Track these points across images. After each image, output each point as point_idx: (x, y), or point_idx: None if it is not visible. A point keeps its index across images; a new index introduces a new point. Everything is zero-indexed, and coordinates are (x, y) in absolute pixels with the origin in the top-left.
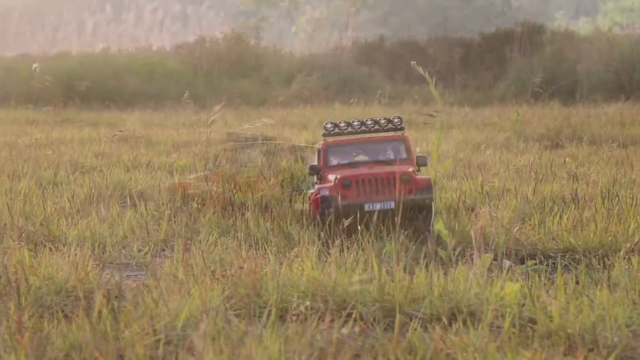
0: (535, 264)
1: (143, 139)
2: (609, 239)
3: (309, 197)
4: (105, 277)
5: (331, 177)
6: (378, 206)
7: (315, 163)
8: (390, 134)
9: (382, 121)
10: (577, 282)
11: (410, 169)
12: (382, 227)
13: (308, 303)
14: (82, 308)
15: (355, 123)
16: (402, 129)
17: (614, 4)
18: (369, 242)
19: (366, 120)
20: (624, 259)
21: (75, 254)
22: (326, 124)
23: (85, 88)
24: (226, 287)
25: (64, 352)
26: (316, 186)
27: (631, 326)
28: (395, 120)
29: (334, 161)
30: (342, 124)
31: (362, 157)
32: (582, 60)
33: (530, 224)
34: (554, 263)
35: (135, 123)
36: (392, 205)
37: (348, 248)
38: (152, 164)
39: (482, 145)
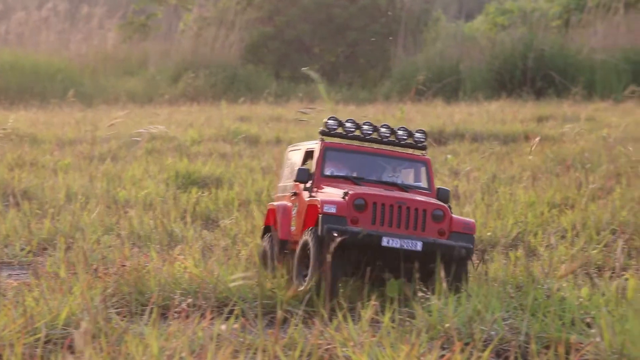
0: None
1: (27, 138)
2: (488, 234)
3: (268, 210)
4: None
5: (333, 190)
6: (399, 243)
7: (303, 167)
8: (408, 151)
9: (401, 132)
10: (456, 277)
11: (437, 201)
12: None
13: (190, 300)
14: None
15: (366, 127)
16: (424, 147)
17: (495, 6)
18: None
19: (380, 127)
20: (502, 253)
21: None
22: (328, 119)
23: None
24: (108, 285)
25: None
26: (311, 196)
27: (508, 320)
28: (418, 134)
29: (331, 170)
30: (348, 124)
31: (364, 173)
32: (464, 59)
33: None
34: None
35: (20, 121)
36: (419, 246)
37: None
38: (36, 163)
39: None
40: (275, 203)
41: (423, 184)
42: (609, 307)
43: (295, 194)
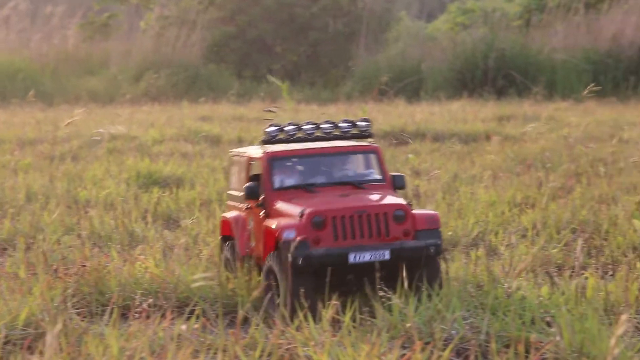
0: None
1: None
2: (449, 233)
3: (221, 221)
4: None
5: (288, 207)
6: (368, 256)
7: (250, 182)
8: (352, 143)
9: (344, 125)
10: (418, 277)
11: (398, 199)
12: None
13: (151, 300)
14: None
15: (307, 127)
16: (370, 135)
17: (457, 5)
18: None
19: (322, 124)
20: (463, 253)
21: None
22: (267, 127)
23: None
24: (69, 286)
25: None
26: (265, 214)
27: (468, 319)
28: (362, 123)
29: (280, 181)
30: (289, 128)
31: (315, 176)
32: (426, 59)
33: None
34: None
35: None
36: (387, 255)
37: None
38: None
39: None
40: (228, 215)
41: (376, 174)
42: (569, 305)
43: (249, 207)
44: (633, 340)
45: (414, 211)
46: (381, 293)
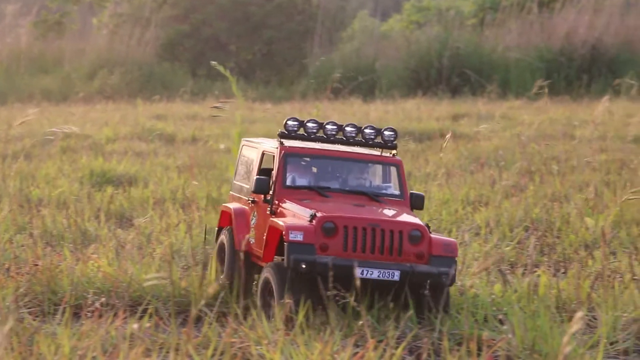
0: None
1: None
2: None
3: (221, 212)
4: None
5: (298, 209)
6: (375, 274)
7: (261, 176)
8: (374, 152)
9: (368, 131)
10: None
11: (416, 219)
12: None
13: (103, 299)
14: None
15: (330, 127)
16: (394, 146)
17: (412, 4)
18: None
19: (345, 126)
20: None
21: None
22: (288, 120)
23: None
24: (21, 285)
25: None
26: (272, 211)
27: (421, 317)
28: (387, 133)
29: (292, 179)
30: (310, 124)
31: (330, 180)
32: (380, 57)
33: None
34: None
35: None
36: (396, 276)
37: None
38: None
39: None
40: (231, 206)
41: (394, 189)
42: (521, 303)
43: (254, 201)
44: (584, 337)
45: (431, 235)
46: (335, 292)
